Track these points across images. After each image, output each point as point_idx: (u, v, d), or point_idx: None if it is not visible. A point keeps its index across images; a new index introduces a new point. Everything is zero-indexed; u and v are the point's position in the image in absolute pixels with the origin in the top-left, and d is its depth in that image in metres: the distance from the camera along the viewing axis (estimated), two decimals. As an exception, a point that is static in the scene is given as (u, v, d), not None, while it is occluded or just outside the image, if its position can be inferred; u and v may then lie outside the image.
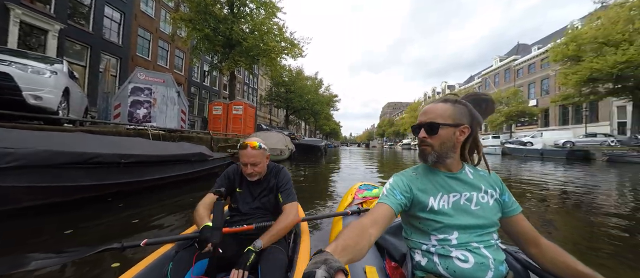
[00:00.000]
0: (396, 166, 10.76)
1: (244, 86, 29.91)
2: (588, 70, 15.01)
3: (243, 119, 13.03)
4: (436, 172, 0.95)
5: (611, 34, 14.46)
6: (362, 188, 2.53)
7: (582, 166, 10.82)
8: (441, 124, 0.90)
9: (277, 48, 12.18)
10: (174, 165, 4.27)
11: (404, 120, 54.33)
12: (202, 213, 1.29)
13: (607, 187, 5.61)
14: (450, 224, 0.86)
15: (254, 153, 1.38)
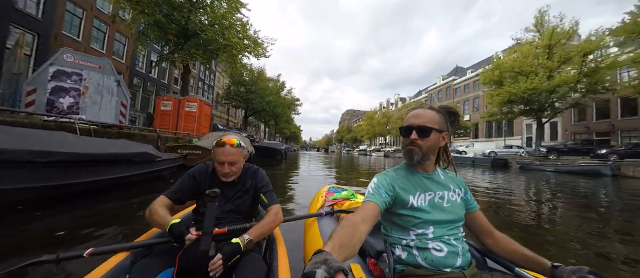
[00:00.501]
0: (352, 170, 11.20)
1: (198, 82, 27.62)
2: (507, 94, 18.23)
3: (197, 117, 11.95)
4: (415, 172, 1.04)
5: (523, 65, 17.90)
6: (331, 190, 2.58)
7: (503, 172, 13.03)
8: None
9: (240, 45, 11.55)
10: (111, 166, 3.65)
11: (362, 127, 57.39)
12: (163, 213, 1.16)
13: (517, 189, 6.95)
14: (427, 220, 0.95)
15: (233, 152, 1.28)
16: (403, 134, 1.03)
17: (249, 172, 1.42)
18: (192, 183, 1.32)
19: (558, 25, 17.28)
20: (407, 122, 1.03)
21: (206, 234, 1.00)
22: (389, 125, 47.98)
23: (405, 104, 45.33)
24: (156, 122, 11.75)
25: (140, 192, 3.86)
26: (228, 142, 1.27)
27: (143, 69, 19.63)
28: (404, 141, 1.03)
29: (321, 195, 2.41)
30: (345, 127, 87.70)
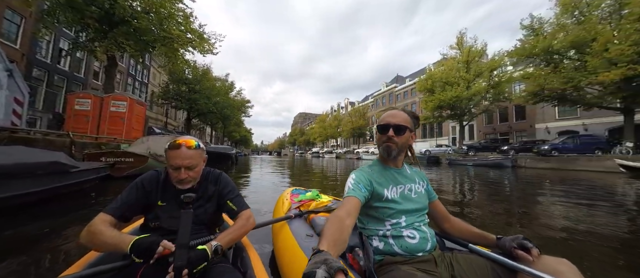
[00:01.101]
0: (306, 172, 11.27)
1: (127, 78, 23.70)
2: (438, 100, 21.17)
3: (127, 118, 10.20)
4: (387, 168, 1.14)
5: (449, 77, 21.09)
6: (295, 192, 2.53)
7: (436, 168, 15.07)
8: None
9: (182, 38, 10.33)
10: (2, 181, 2.78)
11: (314, 130, 58.54)
12: (112, 232, 0.95)
13: (447, 180, 8.28)
14: (400, 210, 1.05)
15: (190, 154, 1.09)
16: (380, 132, 1.11)
17: (210, 177, 1.25)
18: (140, 195, 1.10)
19: (473, 45, 20.98)
20: (384, 120, 1.11)
21: (182, 247, 0.86)
22: (340, 128, 50.11)
23: (354, 108, 48.08)
24: (68, 125, 9.58)
25: (56, 213, 3.04)
26: (184, 143, 1.09)
27: (48, 58, 15.78)
28: (380, 138, 1.11)
29: (285, 198, 2.33)
30: (298, 130, 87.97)
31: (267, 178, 8.14)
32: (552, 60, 15.41)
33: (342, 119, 52.53)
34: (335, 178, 8.70)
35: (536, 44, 15.24)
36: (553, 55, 15.20)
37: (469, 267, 0.96)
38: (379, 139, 1.12)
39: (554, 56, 15.21)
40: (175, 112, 34.01)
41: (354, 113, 44.86)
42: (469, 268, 0.95)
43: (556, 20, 14.97)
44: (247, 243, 1.30)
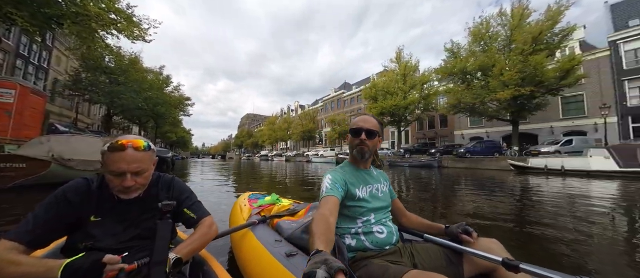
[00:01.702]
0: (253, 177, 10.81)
1: (16, 59, 18.37)
2: (380, 108, 23.25)
3: (16, 111, 7.85)
4: (358, 169, 1.23)
5: (389, 87, 23.44)
6: (252, 197, 2.40)
7: (379, 169, 16.45)
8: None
9: (103, 18, 8.51)
10: None
11: (263, 132, 56.63)
12: (27, 259, 0.74)
13: (390, 179, 9.12)
14: (369, 208, 1.14)
15: (138, 157, 0.90)
16: (353, 135, 1.18)
17: (161, 183, 1.07)
18: (64, 210, 0.86)
19: (409, 61, 23.87)
20: (357, 125, 1.18)
21: (158, 264, 0.76)
22: (290, 131, 49.89)
23: (304, 111, 48.72)
24: None
25: None
26: (131, 144, 0.90)
27: None
28: (353, 141, 1.19)
29: (243, 204, 2.18)
30: (245, 132, 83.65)
31: (210, 185, 7.45)
32: (466, 79, 18.80)
33: (292, 121, 52.43)
34: (285, 182, 8.60)
35: (455, 64, 18.36)
36: (466, 75, 18.57)
37: (426, 253, 1.10)
38: (352, 141, 1.19)
39: (467, 76, 18.60)
40: (90, 107, 28.10)
41: (304, 116, 45.41)
42: (426, 255, 1.09)
43: (469, 47, 18.36)
44: (207, 255, 1.18)
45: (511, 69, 14.92)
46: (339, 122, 35.31)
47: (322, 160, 29.35)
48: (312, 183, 8.45)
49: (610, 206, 4.55)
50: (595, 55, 18.80)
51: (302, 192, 6.05)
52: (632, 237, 2.80)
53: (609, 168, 11.09)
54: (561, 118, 20.24)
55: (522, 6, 15.83)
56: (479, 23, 17.63)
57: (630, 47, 17.66)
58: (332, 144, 39.87)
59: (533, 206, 4.65)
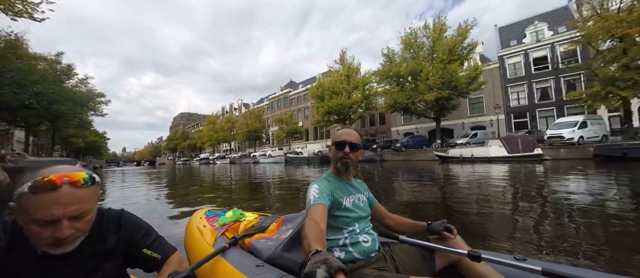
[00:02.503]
0: (191, 185, 9.79)
1: None
2: (327, 107, 24.06)
3: None
4: (341, 180, 1.24)
5: (335, 87, 24.46)
6: (210, 215, 2.09)
7: (327, 166, 17.06)
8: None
9: None
10: None
11: (202, 133, 51.29)
12: None
13: None
14: (354, 218, 1.17)
15: (78, 196, 0.68)
16: (337, 148, 1.21)
17: (107, 223, 0.83)
18: None
19: (351, 63, 25.36)
20: (340, 138, 1.21)
21: None
22: (234, 131, 46.80)
23: (250, 110, 46.29)
24: None
25: None
26: (66, 179, 0.66)
27: None
28: (336, 154, 1.21)
29: (200, 225, 1.88)
30: (180, 133, 74.25)
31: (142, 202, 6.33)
32: (400, 82, 21.19)
33: (235, 120, 49.24)
34: (234, 188, 8.03)
35: (391, 69, 20.46)
36: (400, 79, 20.94)
37: (404, 254, 1.19)
38: (336, 154, 1.21)
39: (401, 79, 20.99)
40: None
41: (249, 115, 43.17)
42: (404, 256, 1.18)
43: (402, 54, 20.72)
44: None
45: (434, 75, 17.55)
46: (287, 121, 34.94)
47: (271, 161, 28.58)
48: (263, 186, 8.13)
49: (503, 184, 6.20)
50: (490, 66, 23.81)
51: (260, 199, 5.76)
52: (516, 205, 4.01)
53: (502, 155, 14.25)
54: (469, 116, 24.94)
55: (441, 22, 18.78)
56: (409, 33, 20.09)
57: (511, 61, 23.05)
58: (280, 144, 39.24)
59: (452, 188, 5.94)
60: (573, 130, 14.39)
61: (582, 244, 2.30)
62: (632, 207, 3.59)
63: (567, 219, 3.13)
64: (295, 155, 27.72)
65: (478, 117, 24.43)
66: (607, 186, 5.42)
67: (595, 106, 15.33)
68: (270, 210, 4.16)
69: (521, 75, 22.51)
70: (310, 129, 39.47)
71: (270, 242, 1.43)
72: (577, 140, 14.03)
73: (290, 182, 8.99)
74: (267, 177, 11.18)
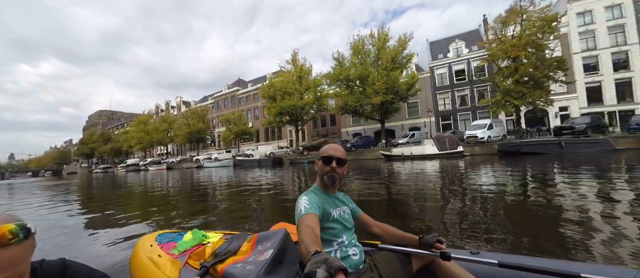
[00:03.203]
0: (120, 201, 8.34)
1: None
2: (279, 107, 23.61)
3: None
4: (327, 193, 1.27)
5: (287, 87, 24.21)
6: (163, 241, 1.74)
7: (280, 168, 16.87)
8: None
9: None
10: None
11: (130, 134, 43.71)
12: None
13: (286, 177, 9.86)
14: (341, 229, 1.20)
15: (7, 257, 0.49)
16: (324, 163, 1.24)
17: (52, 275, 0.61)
18: None
19: (303, 64, 25.52)
20: (327, 153, 1.25)
21: None
22: (172, 132, 41.57)
23: (191, 109, 41.62)
24: None
25: None
26: None
27: None
28: (323, 168, 1.24)
29: (155, 254, 1.54)
30: (99, 135, 61.74)
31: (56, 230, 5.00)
32: (350, 85, 22.37)
33: (174, 120, 43.79)
34: (170, 202, 7.12)
35: (341, 72, 21.41)
36: (349, 82, 22.11)
37: (385, 261, 1.23)
38: (322, 168, 1.24)
39: (350, 83, 22.18)
40: None
41: (190, 114, 38.88)
42: (385, 263, 1.22)
43: (351, 58, 21.89)
44: None
45: (379, 80, 19.12)
46: (235, 122, 32.85)
47: (218, 165, 26.38)
48: (213, 195, 7.44)
49: (435, 179, 7.33)
50: (423, 75, 27.30)
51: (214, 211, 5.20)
52: (445, 197, 4.86)
53: (434, 152, 16.46)
54: (407, 118, 28.06)
55: (384, 32, 20.60)
56: (357, 40, 21.39)
57: (439, 71, 26.91)
58: (227, 146, 36.63)
59: (396, 184, 6.76)
60: (484, 131, 17.66)
61: (496, 229, 2.86)
62: (522, 192, 4.81)
63: (480, 207, 3.92)
64: (246, 157, 26.27)
65: (415, 119, 27.71)
66: (506, 176, 7.02)
67: (498, 112, 19.22)
68: (232, 225, 3.79)
69: (446, 84, 26.53)
70: (261, 130, 38.05)
71: (248, 265, 1.25)
72: (487, 139, 17.29)
73: (244, 188, 8.46)
74: (215, 184, 10.27)
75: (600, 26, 21.13)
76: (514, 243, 2.43)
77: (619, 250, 2.13)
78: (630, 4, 20.31)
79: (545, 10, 16.45)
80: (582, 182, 5.30)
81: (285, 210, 4.65)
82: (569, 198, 3.98)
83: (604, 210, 3.26)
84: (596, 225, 2.73)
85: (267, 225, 3.37)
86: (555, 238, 2.46)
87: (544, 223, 2.95)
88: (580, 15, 21.59)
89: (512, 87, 16.95)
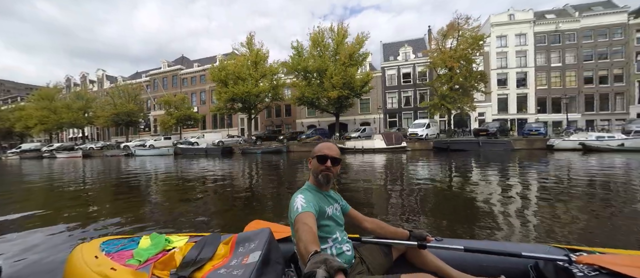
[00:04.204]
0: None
1: None
2: (232, 93, 21.91)
3: None
4: (320, 191, 1.28)
5: (241, 72, 22.56)
6: (113, 250, 1.41)
7: (229, 158, 16.01)
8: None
9: None
10: None
11: (27, 111, 34.12)
12: None
13: (240, 169, 9.59)
14: (335, 226, 1.24)
15: None
16: (319, 162, 1.24)
17: None
18: None
19: (260, 49, 24.11)
20: (322, 152, 1.25)
21: None
22: (91, 112, 34.44)
23: (120, 85, 34.83)
24: None
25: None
26: None
27: None
28: (318, 167, 1.24)
29: (104, 267, 1.22)
30: (-25, 110, 46.42)
31: None
32: (307, 77, 22.23)
33: (93, 98, 36.29)
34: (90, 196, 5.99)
35: (299, 62, 21.06)
36: (307, 74, 21.97)
37: (370, 254, 1.32)
38: (317, 167, 1.24)
39: (308, 74, 22.05)
40: None
41: (117, 92, 32.66)
42: (371, 255, 1.31)
43: (310, 50, 21.69)
44: None
45: (337, 75, 19.55)
46: (177, 105, 29.16)
47: (154, 153, 23.09)
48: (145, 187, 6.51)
49: (382, 171, 8.35)
50: (376, 74, 29.08)
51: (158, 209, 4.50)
52: (392, 188, 5.62)
53: (382, 146, 17.87)
54: (359, 113, 29.62)
55: (344, 28, 21.00)
56: (317, 32, 21.25)
57: (389, 72, 29.06)
58: (166, 132, 32.31)
59: (349, 175, 7.40)
60: (423, 129, 19.99)
61: (437, 215, 3.42)
62: (452, 185, 5.79)
63: (419, 196, 4.65)
64: (190, 146, 23.73)
65: (366, 115, 29.46)
66: (439, 169, 8.37)
67: (434, 113, 21.98)
68: (190, 227, 3.33)
69: (395, 84, 28.90)
70: (208, 116, 34.80)
71: (234, 270, 1.10)
72: (425, 136, 19.65)
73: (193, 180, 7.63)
74: (153, 175, 8.98)
75: (511, 49, 26.02)
76: (448, 226, 2.99)
77: (522, 228, 2.87)
78: (532, 35, 25.57)
79: (475, 29, 19.33)
80: (492, 174, 6.92)
81: (249, 205, 4.36)
82: (485, 187, 5.25)
83: (509, 195, 4.45)
84: (502, 208, 3.65)
85: (236, 224, 3.11)
86: (473, 220, 3.18)
87: (468, 207, 3.79)
88: (499, 38, 26.13)
89: (447, 92, 19.57)
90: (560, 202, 3.82)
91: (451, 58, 18.91)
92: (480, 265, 1.31)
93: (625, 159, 10.02)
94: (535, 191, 4.84)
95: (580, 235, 2.62)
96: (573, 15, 25.27)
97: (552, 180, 5.84)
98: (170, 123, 28.68)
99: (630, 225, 2.89)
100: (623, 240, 2.50)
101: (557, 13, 26.29)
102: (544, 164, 9.07)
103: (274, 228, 1.54)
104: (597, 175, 6.50)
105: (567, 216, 3.19)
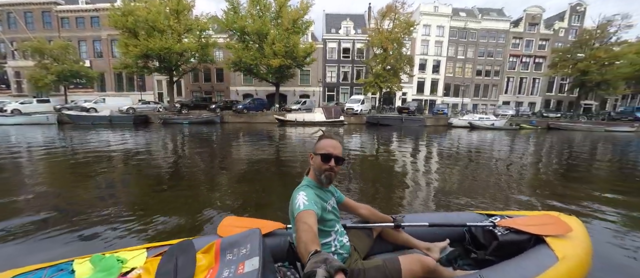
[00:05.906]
0: None
1: None
2: (145, 48, 17.50)
3: None
4: (321, 187, 1.27)
5: (157, 22, 18.02)
6: None
7: (145, 129, 13.68)
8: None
9: None
10: None
11: None
12: None
13: (160, 144, 8.64)
14: (335, 219, 1.28)
15: None
16: (323, 160, 1.20)
17: None
18: None
19: (181, -4, 19.56)
20: (326, 150, 1.20)
21: None
22: None
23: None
24: None
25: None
26: None
27: None
28: (321, 165, 1.20)
29: None
30: None
31: None
32: (245, 40, 19.80)
33: None
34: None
35: (235, 20, 18.40)
36: (245, 36, 19.54)
37: (357, 239, 1.43)
38: (320, 165, 1.20)
39: (245, 37, 19.64)
40: None
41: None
42: (358, 239, 1.43)
43: (248, 8, 19.07)
44: None
45: (280, 42, 18.13)
46: (58, 56, 21.49)
47: (23, 121, 16.79)
48: (28, 175, 4.79)
49: None
50: (318, 45, 28.53)
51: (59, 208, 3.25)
52: None
53: (322, 120, 18.35)
54: (299, 85, 29.05)
55: (287, -12, 19.11)
56: (256, -13, 18.65)
57: (330, 45, 29.01)
58: (40, 91, 23.74)
59: (287, 148, 7.77)
60: (359, 104, 21.41)
61: (377, 192, 3.83)
62: (381, 154, 6.96)
63: (359, 171, 5.20)
64: (83, 112, 18.39)
65: (306, 87, 29.20)
66: (372, 141, 9.63)
67: (369, 90, 23.69)
68: (166, 234, 2.50)
69: (335, 58, 29.25)
70: (109, 75, 27.42)
71: None
72: (360, 111, 21.17)
73: (95, 159, 5.95)
74: (21, 155, 6.58)
75: (432, 38, 29.79)
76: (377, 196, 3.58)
77: (426, 188, 3.74)
78: (448, 28, 29.77)
79: (409, 15, 20.98)
80: (410, 145, 8.75)
81: (199, 192, 3.63)
82: (408, 157, 6.69)
83: (422, 164, 5.89)
84: (413, 175, 4.78)
85: (195, 221, 2.52)
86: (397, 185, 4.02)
87: (395, 178, 4.64)
88: (425, 26, 29.34)
89: (381, 72, 21.20)
90: (450, 167, 5.51)
91: (387, 39, 20.22)
92: (435, 233, 1.64)
93: (492, 135, 13.79)
94: (436, 159, 6.76)
95: (465, 192, 3.71)
96: (477, 17, 30.55)
97: (446, 151, 7.99)
98: (47, 80, 21.04)
99: (486, 186, 4.13)
100: (490, 195, 3.62)
101: (467, 12, 31.19)
102: (444, 138, 11.77)
103: (256, 224, 1.49)
104: (474, 146, 9.19)
105: (454, 178, 4.57)
